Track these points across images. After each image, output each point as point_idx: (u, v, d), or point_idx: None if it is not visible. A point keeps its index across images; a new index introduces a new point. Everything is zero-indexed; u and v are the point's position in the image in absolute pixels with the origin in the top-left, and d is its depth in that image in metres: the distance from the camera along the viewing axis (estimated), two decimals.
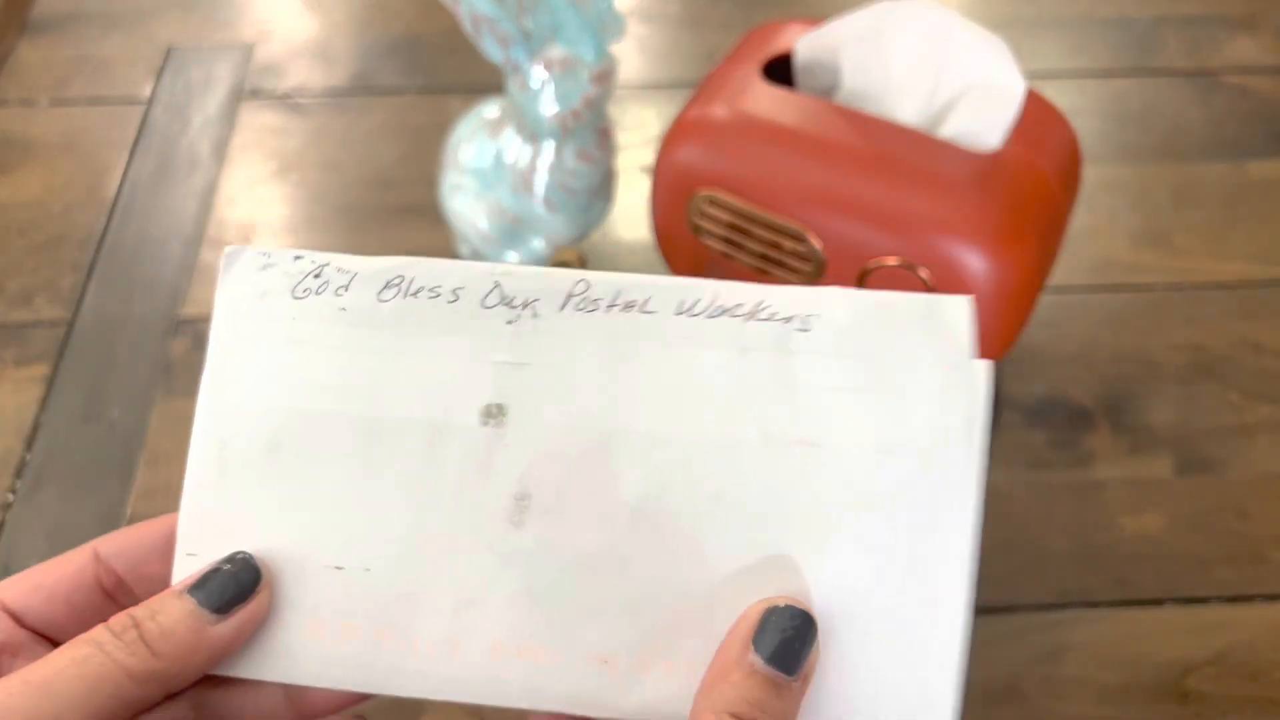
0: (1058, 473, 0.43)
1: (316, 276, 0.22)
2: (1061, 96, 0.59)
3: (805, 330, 0.21)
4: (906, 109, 0.40)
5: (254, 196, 0.54)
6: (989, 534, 0.43)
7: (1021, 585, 0.40)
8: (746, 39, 0.45)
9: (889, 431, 0.20)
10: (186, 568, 0.20)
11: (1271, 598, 0.40)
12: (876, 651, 0.19)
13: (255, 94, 0.59)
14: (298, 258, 0.22)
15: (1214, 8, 0.65)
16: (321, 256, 0.22)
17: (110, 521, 0.42)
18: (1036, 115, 0.41)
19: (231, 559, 0.19)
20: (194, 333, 0.48)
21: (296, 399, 0.21)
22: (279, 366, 0.22)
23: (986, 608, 0.39)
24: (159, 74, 0.60)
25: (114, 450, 0.44)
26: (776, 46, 0.44)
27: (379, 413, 0.21)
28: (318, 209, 0.53)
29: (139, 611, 0.18)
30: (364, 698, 0.21)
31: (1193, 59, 0.61)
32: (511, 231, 0.47)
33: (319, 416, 0.21)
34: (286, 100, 0.59)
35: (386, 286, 0.21)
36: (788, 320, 0.21)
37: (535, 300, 0.21)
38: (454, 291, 0.21)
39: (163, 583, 0.20)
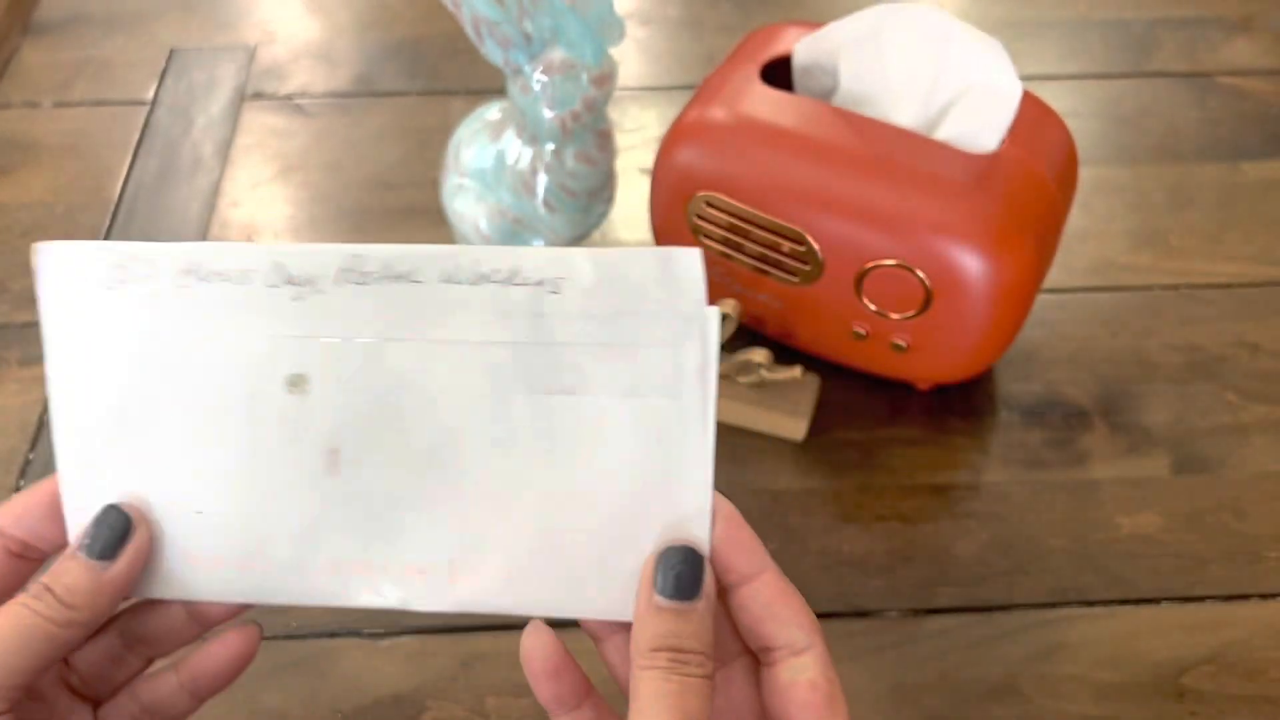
0: (1054, 472, 0.44)
1: (122, 267, 0.24)
2: (1058, 98, 0.59)
3: (556, 293, 0.23)
4: (904, 111, 0.41)
5: (256, 198, 0.54)
6: (986, 532, 0.44)
7: (1018, 584, 0.40)
8: (745, 42, 0.46)
9: (634, 377, 0.23)
10: (75, 525, 0.24)
11: (1268, 596, 0.40)
12: (640, 525, 0.24)
13: (258, 96, 0.60)
14: (104, 248, 0.24)
15: (1210, 10, 0.65)
16: (123, 249, 0.24)
17: None
18: (1033, 117, 0.42)
19: (104, 513, 0.24)
20: None
21: (133, 378, 0.24)
22: (109, 352, 0.24)
23: (983, 606, 0.40)
24: (162, 75, 0.61)
25: None
26: (775, 49, 0.44)
27: (202, 386, 0.24)
28: (320, 210, 0.54)
29: (47, 578, 0.23)
30: (245, 607, 0.26)
31: (1189, 61, 0.62)
32: (512, 232, 0.47)
33: (153, 393, 0.24)
34: (289, 102, 0.59)
35: (183, 273, 0.24)
36: (540, 284, 0.23)
37: (315, 277, 0.24)
38: (242, 274, 0.24)
39: (57, 538, 0.24)
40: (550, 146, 0.43)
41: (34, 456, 0.44)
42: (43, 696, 0.24)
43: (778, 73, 0.43)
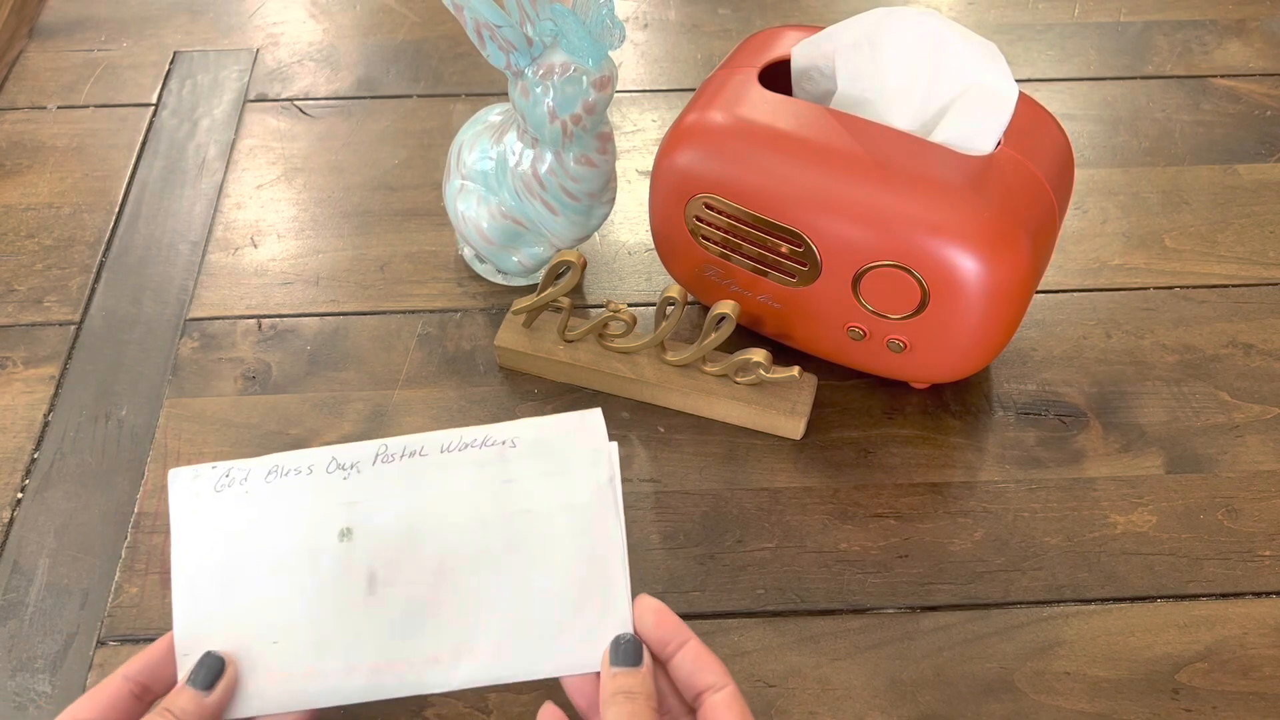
0: (1050, 471, 0.44)
1: (227, 476, 0.35)
2: (1053, 101, 0.60)
3: (514, 447, 0.35)
4: (901, 114, 0.41)
5: (260, 199, 0.55)
6: (982, 530, 0.44)
7: (1014, 581, 0.41)
8: (743, 45, 0.46)
9: (568, 495, 0.34)
10: (184, 665, 0.33)
11: (1261, 594, 0.40)
12: (584, 598, 0.34)
13: (261, 98, 0.60)
14: (214, 467, 0.35)
15: (1204, 13, 0.65)
16: (226, 465, 0.35)
17: (119, 519, 0.42)
18: (1029, 119, 0.42)
19: (205, 657, 0.32)
20: (201, 333, 0.49)
21: (230, 551, 0.34)
22: (216, 533, 0.34)
23: (979, 603, 0.40)
24: (166, 78, 0.61)
25: (122, 449, 0.45)
26: (773, 53, 0.45)
27: (280, 546, 0.34)
28: (323, 212, 0.54)
29: (165, 703, 0.31)
30: (309, 716, 0.33)
31: (1183, 64, 0.62)
32: (514, 233, 0.47)
33: (244, 560, 0.34)
34: (292, 105, 0.60)
35: (269, 474, 0.35)
36: (503, 443, 0.35)
37: (357, 462, 0.35)
38: (309, 468, 0.35)
39: (169, 682, 0.32)
40: (551, 149, 0.44)
41: (39, 455, 0.45)
42: None
43: (776, 76, 0.44)
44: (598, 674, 0.33)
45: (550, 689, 0.34)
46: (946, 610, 0.40)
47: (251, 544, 0.34)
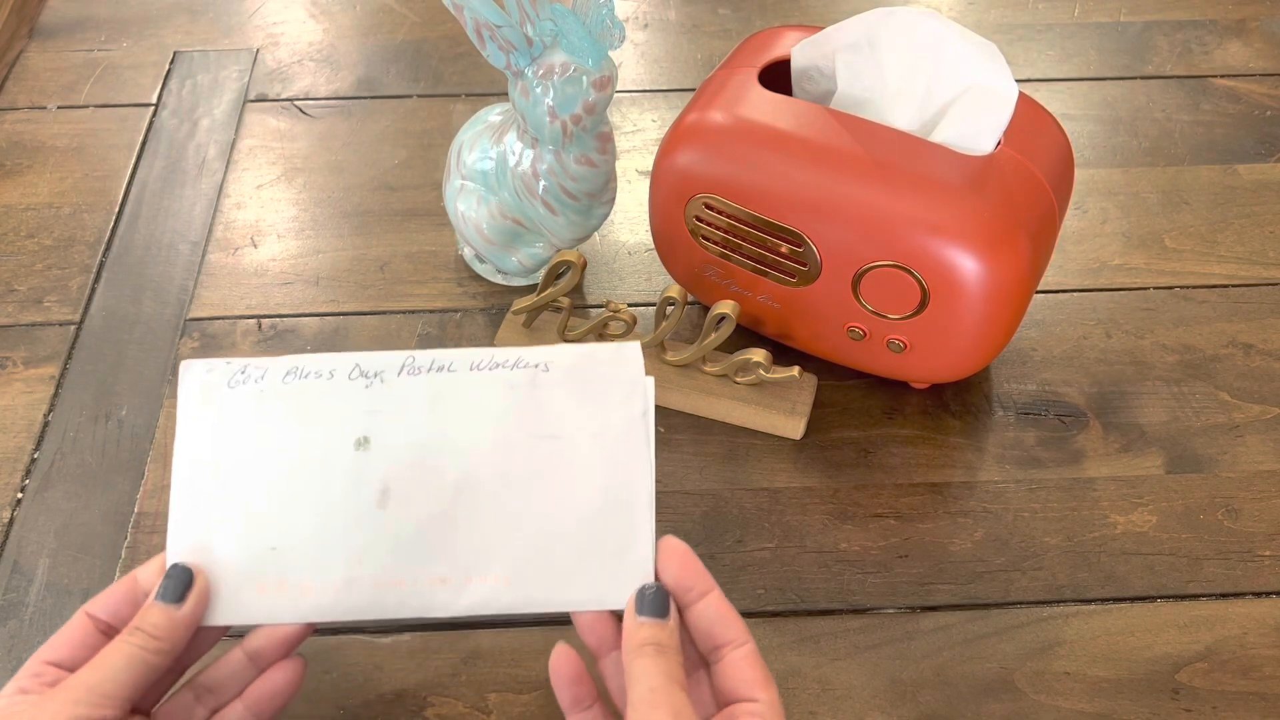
0: (1050, 471, 0.44)
1: (243, 373, 0.33)
2: (1053, 101, 0.60)
3: (546, 371, 0.33)
4: (901, 114, 0.41)
5: (260, 199, 0.55)
6: (982, 530, 0.44)
7: (1014, 581, 0.41)
8: (743, 45, 0.46)
9: (599, 424, 0.33)
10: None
11: (1261, 594, 0.40)
12: (606, 533, 0.32)
13: (261, 98, 0.60)
14: (229, 362, 0.33)
15: (1204, 13, 0.65)
16: (243, 361, 0.34)
17: (119, 519, 0.42)
18: (1029, 119, 0.42)
19: (172, 570, 0.31)
20: (201, 333, 0.49)
21: (237, 451, 0.33)
22: (224, 430, 0.33)
23: (979, 603, 0.40)
24: (166, 78, 0.61)
25: (123, 449, 0.45)
26: (773, 53, 0.45)
27: (290, 450, 0.33)
28: (323, 212, 0.54)
29: (135, 621, 0.30)
30: (298, 640, 0.32)
31: (1183, 64, 0.62)
32: (514, 233, 0.47)
33: (251, 460, 0.33)
34: (292, 105, 0.60)
35: (288, 374, 0.33)
36: (535, 366, 0.33)
37: (382, 371, 0.33)
38: (330, 372, 0.33)
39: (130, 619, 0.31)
40: (551, 149, 0.44)
41: (39, 455, 0.45)
42: None
43: (776, 76, 0.44)
44: (611, 613, 0.32)
45: (547, 652, 0.33)
46: (946, 610, 0.40)
47: (260, 445, 0.33)
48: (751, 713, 0.29)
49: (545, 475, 0.32)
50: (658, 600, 0.31)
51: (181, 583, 0.31)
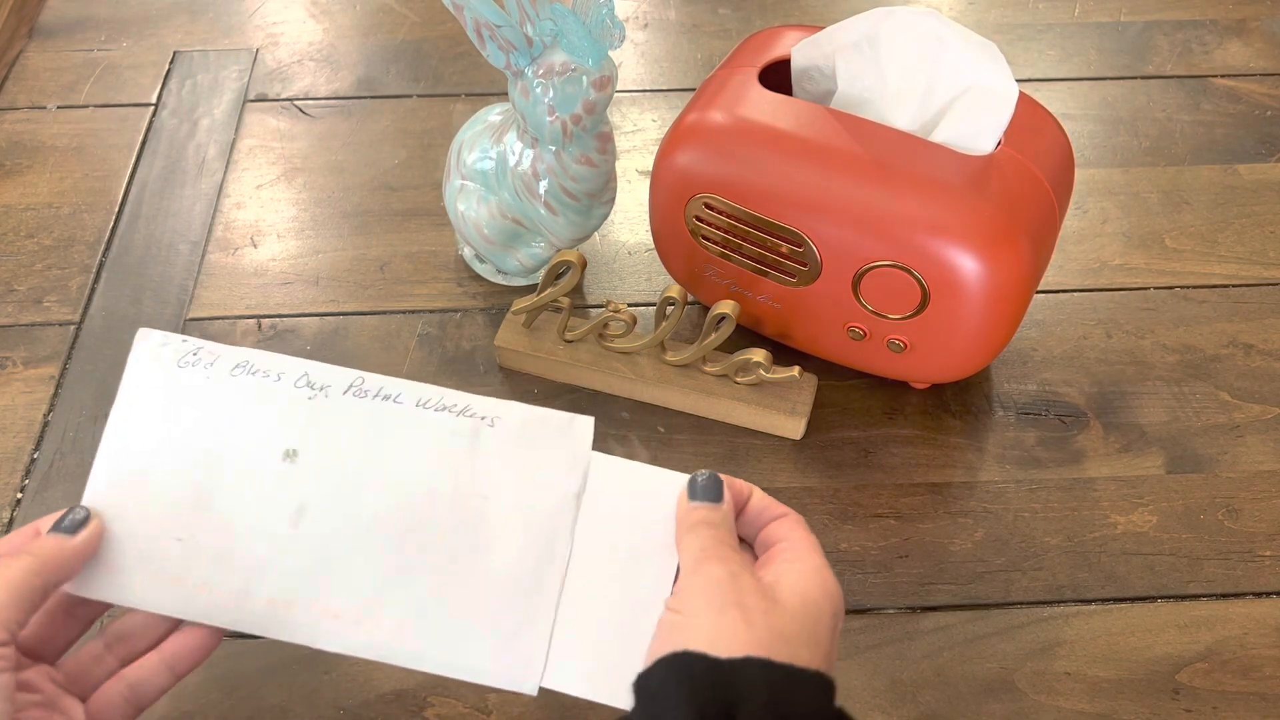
0: (1050, 471, 0.44)
1: (195, 354, 0.33)
2: (1054, 101, 0.60)
3: (491, 426, 0.33)
4: (901, 114, 0.41)
5: (260, 199, 0.55)
6: (982, 530, 0.44)
7: (1014, 582, 0.41)
8: (743, 45, 0.46)
9: (531, 496, 0.32)
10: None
11: (1262, 594, 0.40)
12: (507, 610, 0.31)
13: (261, 98, 0.60)
14: (185, 340, 0.33)
15: (1204, 13, 0.65)
16: (199, 342, 0.33)
17: None
18: (1029, 119, 0.42)
19: (70, 510, 0.31)
20: (201, 333, 0.49)
21: (170, 431, 0.32)
22: (162, 409, 0.33)
23: (979, 603, 0.40)
24: (166, 78, 0.61)
25: None
26: (773, 52, 0.45)
27: (219, 447, 0.32)
28: (322, 212, 0.54)
29: (28, 549, 0.30)
30: (176, 624, 0.32)
31: (1184, 64, 0.62)
32: (514, 233, 0.47)
33: (181, 443, 0.32)
34: (292, 105, 0.60)
35: (237, 367, 0.33)
36: (482, 419, 0.33)
37: (329, 385, 0.33)
38: (279, 375, 0.33)
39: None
40: (551, 149, 0.44)
41: (38, 455, 0.45)
42: (37, 689, 0.30)
43: (776, 76, 0.44)
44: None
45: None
46: (946, 610, 0.40)
47: (192, 434, 0.32)
48: (781, 526, 0.30)
49: (462, 534, 0.32)
50: (710, 485, 0.31)
51: (77, 520, 0.31)
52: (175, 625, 0.32)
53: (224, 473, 0.32)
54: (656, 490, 0.32)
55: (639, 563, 0.32)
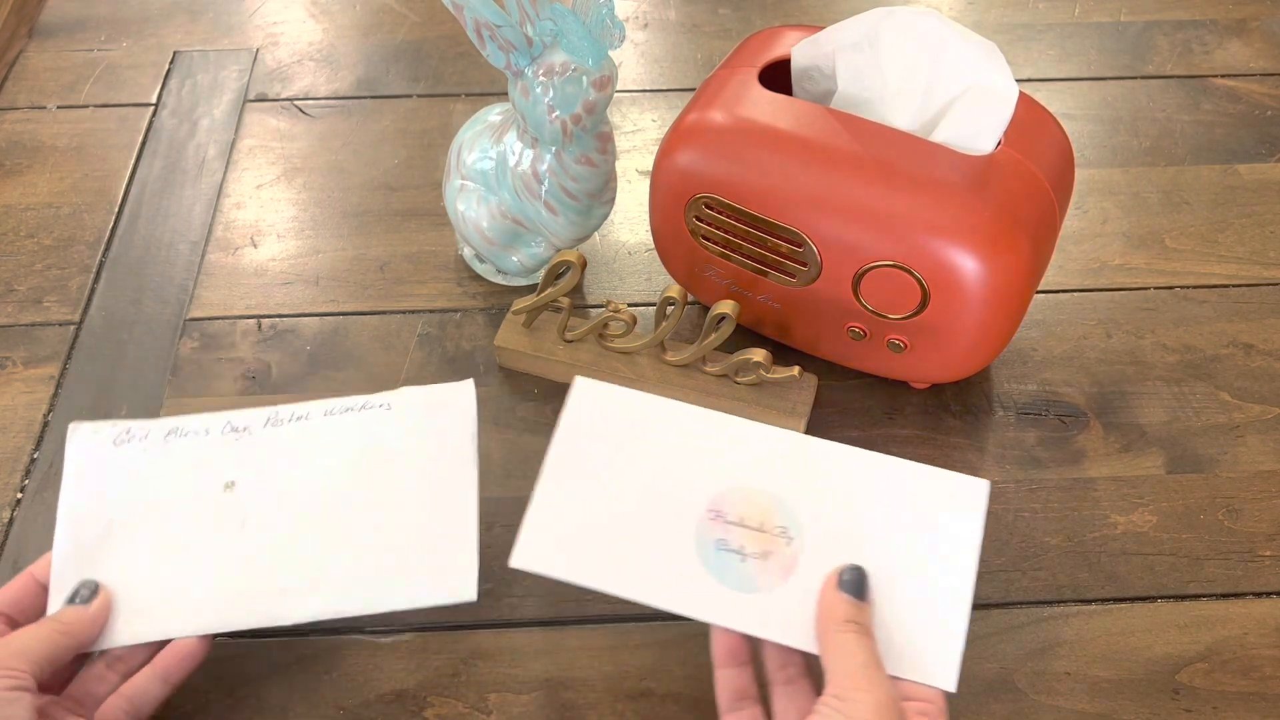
0: (1050, 471, 0.44)
1: (127, 433, 0.38)
2: (1054, 101, 0.60)
3: (389, 409, 0.39)
4: (901, 114, 0.41)
5: (260, 199, 0.55)
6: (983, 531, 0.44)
7: (1014, 581, 0.41)
8: (743, 45, 0.46)
9: (427, 448, 0.38)
10: (56, 601, 0.36)
11: (1262, 594, 0.40)
12: (434, 541, 0.36)
13: (261, 98, 0.60)
14: (114, 424, 0.38)
15: (1204, 13, 0.65)
16: (128, 423, 0.38)
17: None
18: (1029, 119, 0.42)
19: (82, 583, 0.36)
20: (201, 333, 0.49)
21: (118, 498, 0.37)
22: (105, 484, 0.37)
23: (980, 603, 0.40)
24: (166, 78, 0.61)
25: None
26: (773, 52, 0.45)
27: (166, 496, 0.37)
28: (322, 212, 0.54)
29: (50, 613, 0.35)
30: (161, 645, 0.36)
31: (1183, 64, 0.62)
32: (514, 233, 0.47)
33: (131, 507, 0.37)
34: (292, 105, 0.60)
35: (169, 434, 0.38)
36: (380, 406, 0.39)
37: (249, 426, 0.38)
38: (205, 430, 0.38)
39: (35, 612, 0.36)
40: (551, 149, 0.44)
41: (39, 455, 0.45)
42: (52, 718, 0.33)
43: (776, 76, 0.44)
44: (737, 633, 0.33)
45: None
46: None
47: (139, 492, 0.37)
48: (920, 711, 0.31)
49: (383, 497, 0.37)
50: (857, 581, 0.32)
51: (91, 590, 0.35)
52: (161, 645, 0.36)
53: (172, 517, 0.37)
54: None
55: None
